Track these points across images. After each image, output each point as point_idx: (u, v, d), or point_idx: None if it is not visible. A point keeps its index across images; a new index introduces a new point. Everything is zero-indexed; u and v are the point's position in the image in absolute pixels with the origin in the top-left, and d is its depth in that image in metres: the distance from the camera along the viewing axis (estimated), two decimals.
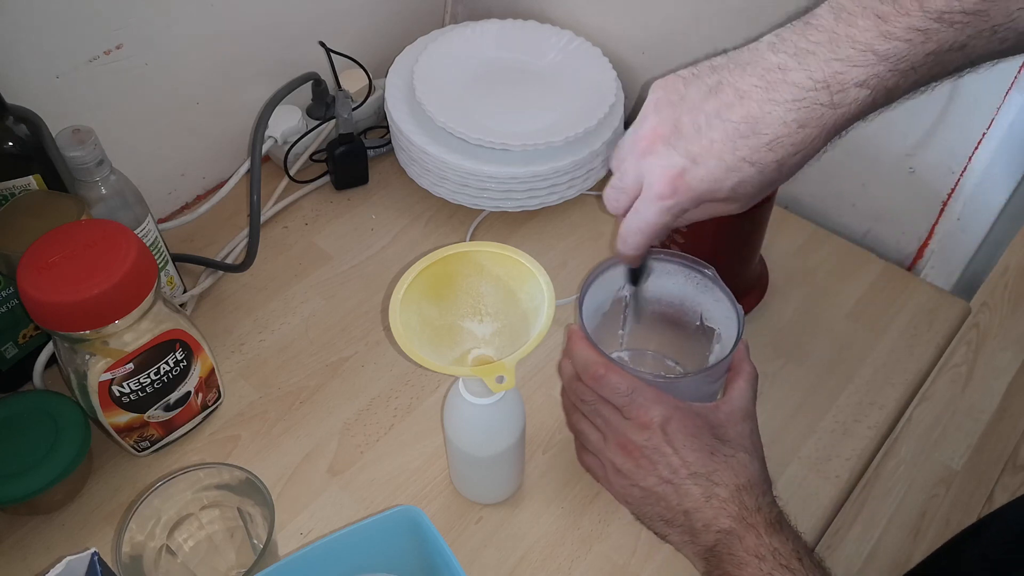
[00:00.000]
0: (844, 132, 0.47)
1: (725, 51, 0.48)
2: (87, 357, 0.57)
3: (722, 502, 0.52)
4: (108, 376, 0.58)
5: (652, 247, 0.56)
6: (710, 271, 0.60)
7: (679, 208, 0.49)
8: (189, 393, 0.64)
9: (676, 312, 0.63)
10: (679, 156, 0.47)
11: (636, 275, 0.59)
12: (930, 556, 0.62)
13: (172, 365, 0.61)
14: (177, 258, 0.75)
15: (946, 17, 0.42)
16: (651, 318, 0.65)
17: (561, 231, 0.83)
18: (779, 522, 0.51)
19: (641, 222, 0.50)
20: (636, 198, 0.51)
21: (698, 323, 0.62)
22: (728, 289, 0.59)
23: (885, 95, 0.44)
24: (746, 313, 0.75)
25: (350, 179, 0.86)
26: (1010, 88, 0.68)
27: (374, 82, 0.89)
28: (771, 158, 0.46)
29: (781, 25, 0.46)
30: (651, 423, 0.53)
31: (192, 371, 0.63)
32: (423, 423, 0.68)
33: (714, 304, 0.61)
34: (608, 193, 0.53)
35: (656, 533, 0.56)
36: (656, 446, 0.53)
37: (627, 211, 0.52)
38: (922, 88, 0.46)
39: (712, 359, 0.61)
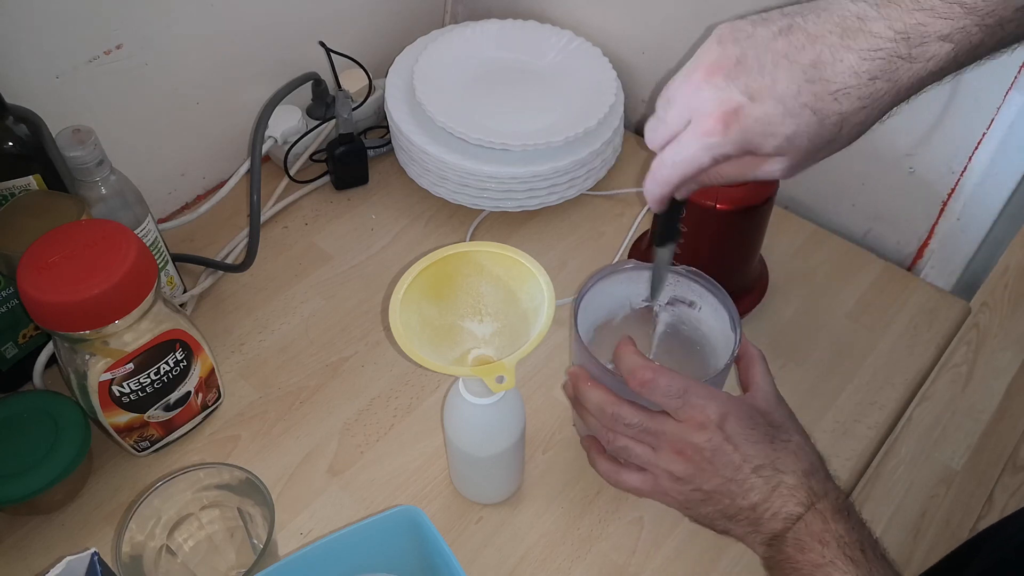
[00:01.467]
0: (914, 95, 0.44)
1: (797, 1, 0.46)
2: (87, 357, 0.57)
3: (790, 489, 0.51)
4: (108, 376, 0.58)
5: (680, 211, 0.54)
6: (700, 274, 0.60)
7: (722, 150, 0.45)
8: (189, 393, 0.64)
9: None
10: (737, 91, 0.44)
11: (664, 232, 0.56)
12: (931, 570, 0.62)
13: (172, 365, 0.61)
14: (177, 258, 0.75)
15: None
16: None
17: (561, 231, 0.83)
18: (846, 509, 0.50)
19: (678, 156, 0.47)
20: (678, 133, 0.47)
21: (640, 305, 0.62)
22: (718, 286, 0.59)
23: (969, 52, 0.42)
24: (746, 313, 0.75)
25: (350, 179, 0.86)
26: (1010, 88, 0.68)
27: (374, 82, 0.89)
28: (835, 109, 0.43)
29: None
30: (708, 422, 0.52)
31: (192, 371, 0.63)
32: (423, 423, 0.68)
33: (706, 308, 0.61)
34: (649, 123, 0.49)
35: (715, 529, 0.55)
36: (716, 446, 0.52)
37: (665, 145, 0.48)
38: (1005, 48, 0.43)
39: (659, 331, 0.60)
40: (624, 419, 0.55)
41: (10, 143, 0.59)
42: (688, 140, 0.46)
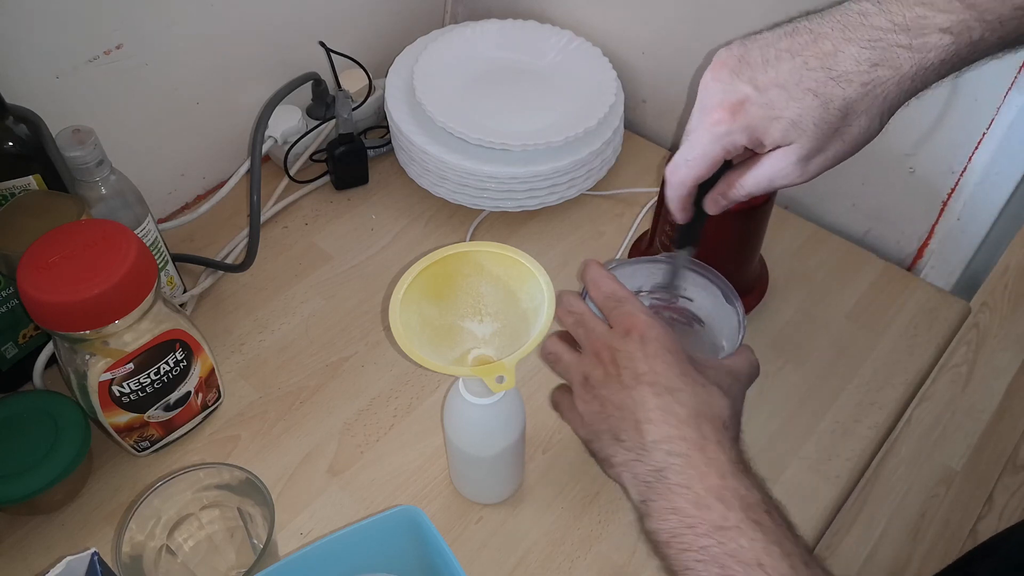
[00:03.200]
0: (920, 93, 0.45)
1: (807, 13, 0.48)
2: (87, 357, 0.57)
3: (679, 421, 0.47)
4: (108, 376, 0.58)
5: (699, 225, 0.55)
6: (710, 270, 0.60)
7: (731, 137, 0.47)
8: (189, 393, 0.64)
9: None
10: (743, 84, 0.47)
11: (684, 236, 0.57)
12: (942, 572, 0.62)
13: (172, 365, 0.61)
14: (177, 258, 0.75)
15: None
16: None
17: (561, 231, 0.84)
18: (744, 463, 0.47)
19: (690, 153, 0.49)
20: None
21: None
22: (725, 281, 0.59)
23: (970, 47, 0.44)
24: (746, 313, 0.75)
25: (350, 179, 0.86)
26: (1010, 88, 0.68)
27: (374, 82, 0.89)
28: (838, 93, 0.45)
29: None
30: (632, 329, 0.50)
31: (192, 371, 0.63)
32: (423, 423, 0.68)
33: (691, 289, 0.61)
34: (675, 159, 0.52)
35: (602, 459, 0.52)
36: (630, 352, 0.50)
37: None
38: (1007, 50, 0.45)
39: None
40: (569, 306, 0.55)
41: (10, 143, 0.59)
42: (697, 135, 0.49)
